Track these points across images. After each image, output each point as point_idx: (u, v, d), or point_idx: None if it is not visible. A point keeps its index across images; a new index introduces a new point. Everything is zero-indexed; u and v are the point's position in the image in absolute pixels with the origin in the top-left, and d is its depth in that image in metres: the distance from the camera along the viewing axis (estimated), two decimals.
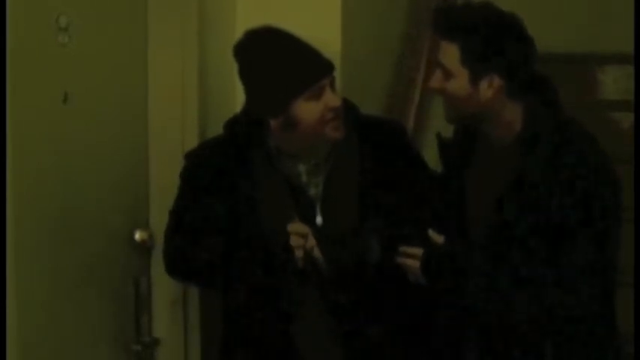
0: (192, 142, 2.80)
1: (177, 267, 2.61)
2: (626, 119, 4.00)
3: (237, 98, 2.84)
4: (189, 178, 2.60)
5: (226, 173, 2.53)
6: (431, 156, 3.21)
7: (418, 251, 2.42)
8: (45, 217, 2.43)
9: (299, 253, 2.43)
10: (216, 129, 2.87)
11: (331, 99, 2.46)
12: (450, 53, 2.36)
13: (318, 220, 2.51)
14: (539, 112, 2.39)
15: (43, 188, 2.42)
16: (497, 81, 2.35)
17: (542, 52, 2.40)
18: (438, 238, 2.42)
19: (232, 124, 2.59)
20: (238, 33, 2.85)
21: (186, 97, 2.84)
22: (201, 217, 2.54)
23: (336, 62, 2.84)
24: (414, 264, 2.42)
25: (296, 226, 2.44)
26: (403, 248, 2.44)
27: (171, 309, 2.87)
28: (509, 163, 2.38)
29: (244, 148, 2.54)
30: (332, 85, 2.48)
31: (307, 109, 2.44)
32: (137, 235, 2.77)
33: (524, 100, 2.40)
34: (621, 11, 3.48)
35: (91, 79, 2.58)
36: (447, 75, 2.38)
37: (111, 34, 2.67)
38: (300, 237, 2.44)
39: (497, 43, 2.34)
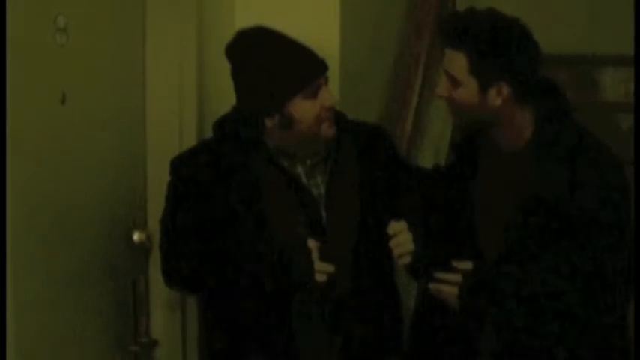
0: (190, 142, 2.80)
1: (178, 271, 2.57)
2: (626, 121, 4.00)
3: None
4: (182, 185, 2.55)
5: (224, 175, 2.50)
6: (428, 159, 3.21)
7: (457, 278, 2.35)
8: (43, 218, 2.42)
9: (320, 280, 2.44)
10: None
11: (327, 98, 2.47)
12: (457, 62, 2.34)
13: (324, 219, 2.51)
14: (551, 118, 2.36)
15: (41, 188, 2.41)
16: (505, 89, 2.33)
17: (541, 54, 2.39)
18: (466, 265, 2.36)
19: (222, 124, 2.57)
20: None
21: (185, 98, 2.84)
22: (200, 220, 2.51)
23: (335, 64, 2.84)
24: (451, 290, 2.35)
25: (323, 266, 2.43)
26: (440, 274, 2.36)
27: (169, 310, 2.87)
28: (520, 170, 2.35)
29: (240, 148, 2.52)
30: (326, 84, 2.48)
31: (304, 108, 2.45)
32: (135, 236, 2.77)
33: (534, 106, 2.38)
34: (621, 13, 3.48)
35: (89, 79, 2.58)
36: (455, 83, 2.36)
37: (109, 34, 2.66)
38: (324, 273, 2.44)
39: (504, 52, 2.31)
